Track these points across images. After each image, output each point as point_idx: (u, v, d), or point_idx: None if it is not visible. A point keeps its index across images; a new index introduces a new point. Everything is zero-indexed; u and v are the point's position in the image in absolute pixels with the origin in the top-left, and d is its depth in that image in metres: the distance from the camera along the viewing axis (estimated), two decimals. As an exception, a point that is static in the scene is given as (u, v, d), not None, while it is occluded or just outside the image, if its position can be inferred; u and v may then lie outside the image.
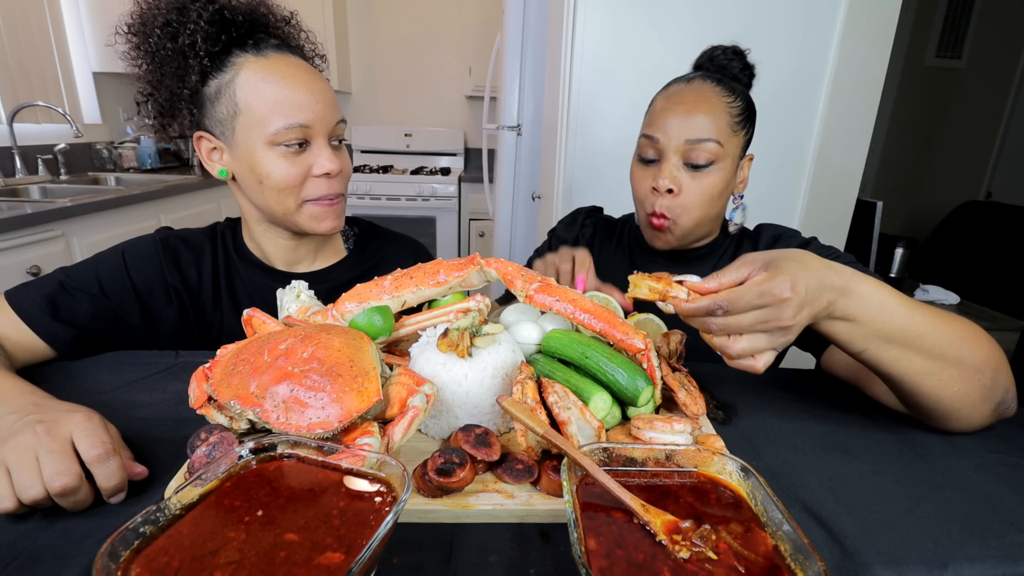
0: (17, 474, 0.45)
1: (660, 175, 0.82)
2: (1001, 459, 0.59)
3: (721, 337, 0.53)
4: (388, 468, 0.42)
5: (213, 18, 0.74)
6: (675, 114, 0.81)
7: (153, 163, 3.00)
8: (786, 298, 0.49)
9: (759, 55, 1.49)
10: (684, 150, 0.81)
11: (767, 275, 0.50)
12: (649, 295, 0.56)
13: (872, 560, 0.44)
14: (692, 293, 0.54)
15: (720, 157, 0.81)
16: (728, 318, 0.51)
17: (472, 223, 3.66)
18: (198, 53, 0.74)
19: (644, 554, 0.38)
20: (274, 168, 0.77)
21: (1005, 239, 2.71)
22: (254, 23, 0.78)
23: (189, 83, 0.76)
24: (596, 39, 1.48)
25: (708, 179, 0.82)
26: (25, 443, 0.47)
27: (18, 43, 2.34)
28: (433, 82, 3.90)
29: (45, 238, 1.76)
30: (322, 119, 0.78)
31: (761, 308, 0.50)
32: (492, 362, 0.58)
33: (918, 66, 3.61)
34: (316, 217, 0.82)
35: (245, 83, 0.75)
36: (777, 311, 0.50)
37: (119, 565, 0.33)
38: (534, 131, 2.14)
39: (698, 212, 0.84)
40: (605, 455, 0.46)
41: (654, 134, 0.82)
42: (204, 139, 0.80)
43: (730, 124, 0.82)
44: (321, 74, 0.83)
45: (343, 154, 0.84)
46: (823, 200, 1.62)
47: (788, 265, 0.50)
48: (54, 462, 0.46)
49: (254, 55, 0.76)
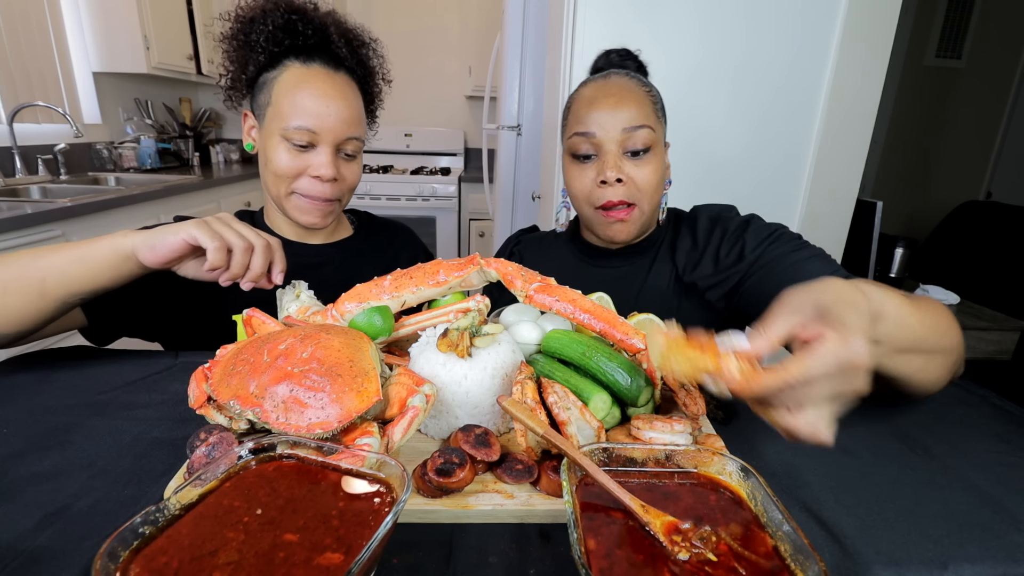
0: (224, 231, 0.66)
1: (605, 167, 0.82)
2: (1001, 459, 0.59)
3: (781, 412, 0.43)
4: (388, 468, 0.42)
5: (283, 24, 0.86)
6: (605, 107, 0.82)
7: (153, 163, 3.00)
8: (863, 364, 0.40)
9: (759, 55, 1.50)
10: (622, 139, 0.82)
11: (838, 339, 0.40)
12: (689, 371, 0.42)
13: (872, 560, 0.44)
14: (742, 362, 0.42)
15: (655, 142, 0.83)
16: (798, 393, 0.41)
17: (472, 223, 3.67)
18: (262, 51, 0.87)
19: (644, 554, 0.38)
20: (276, 156, 0.87)
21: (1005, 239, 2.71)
22: (320, 40, 0.88)
23: (248, 71, 0.89)
24: (596, 39, 1.48)
25: (650, 164, 0.83)
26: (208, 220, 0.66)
27: (18, 43, 2.34)
28: (433, 82, 3.91)
29: (45, 238, 1.76)
30: (331, 130, 0.86)
31: (837, 377, 0.41)
32: (492, 362, 0.58)
33: (918, 66, 3.61)
34: (301, 209, 0.91)
35: (283, 83, 0.86)
36: (852, 379, 0.41)
37: (118, 565, 0.33)
38: (534, 131, 2.14)
39: (654, 194, 0.85)
40: (605, 455, 0.46)
41: (588, 130, 0.83)
42: (248, 117, 0.94)
43: (655, 111, 0.85)
44: (356, 95, 0.91)
45: (350, 167, 0.92)
46: (823, 200, 1.61)
47: (851, 318, 0.42)
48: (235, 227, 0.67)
49: (301, 63, 0.87)
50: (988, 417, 0.69)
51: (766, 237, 0.83)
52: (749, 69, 1.49)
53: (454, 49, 3.82)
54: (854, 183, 1.61)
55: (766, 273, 0.80)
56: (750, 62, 1.49)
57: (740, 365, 0.41)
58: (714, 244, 0.87)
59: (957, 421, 0.68)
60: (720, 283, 0.85)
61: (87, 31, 2.72)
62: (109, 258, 0.68)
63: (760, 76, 1.50)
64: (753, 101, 1.52)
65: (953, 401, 0.72)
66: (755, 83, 1.51)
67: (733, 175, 1.57)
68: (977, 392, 0.75)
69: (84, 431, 0.58)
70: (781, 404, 0.42)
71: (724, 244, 0.86)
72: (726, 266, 0.84)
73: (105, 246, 0.68)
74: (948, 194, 3.62)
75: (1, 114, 2.29)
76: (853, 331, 0.41)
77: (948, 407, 0.71)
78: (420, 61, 3.84)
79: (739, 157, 1.56)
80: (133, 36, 2.72)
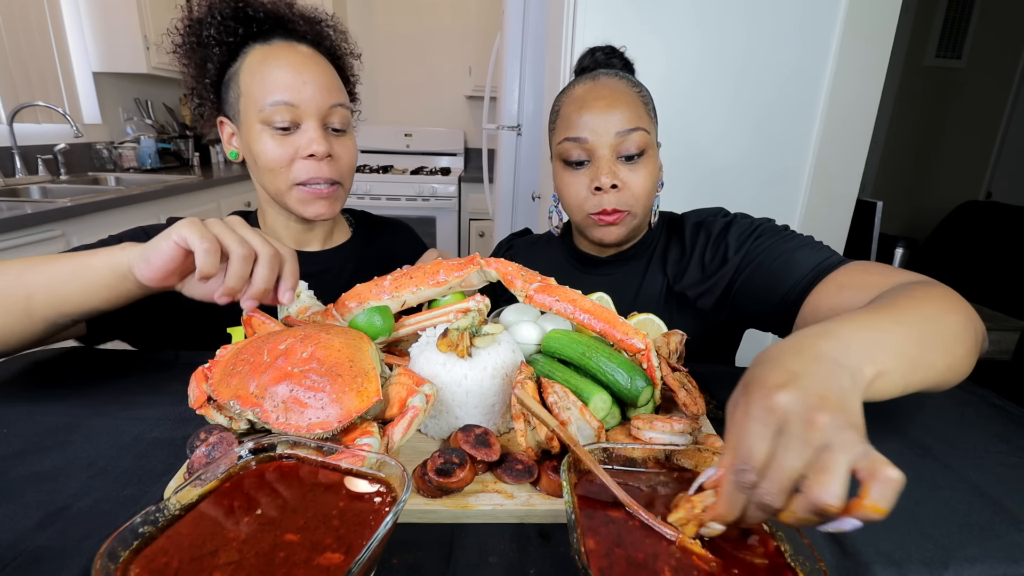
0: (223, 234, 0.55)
1: (600, 173, 0.79)
2: (1001, 459, 0.59)
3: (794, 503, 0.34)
4: (388, 468, 0.42)
5: (233, 13, 0.80)
6: (596, 110, 0.79)
7: (153, 163, 3.00)
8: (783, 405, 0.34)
9: (759, 55, 1.50)
10: (615, 144, 0.79)
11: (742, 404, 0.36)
12: (691, 532, 0.38)
13: (872, 560, 0.44)
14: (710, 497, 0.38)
15: (649, 145, 0.81)
16: (764, 479, 0.34)
17: (472, 223, 3.67)
18: (216, 44, 0.80)
19: (644, 553, 0.38)
20: (262, 148, 0.80)
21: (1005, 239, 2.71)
22: (275, 20, 0.82)
23: (209, 73, 0.82)
24: (596, 39, 1.48)
25: (645, 168, 0.81)
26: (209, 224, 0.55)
27: (18, 43, 2.34)
28: (433, 82, 3.91)
29: (45, 238, 1.76)
30: (311, 99, 0.79)
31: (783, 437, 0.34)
32: (492, 362, 0.58)
33: (918, 66, 3.61)
34: (304, 201, 0.84)
35: (248, 67, 0.80)
36: (808, 428, 0.33)
37: (118, 565, 0.33)
38: (534, 131, 2.14)
39: (648, 199, 0.83)
40: (605, 455, 0.46)
41: (579, 134, 0.80)
42: (224, 124, 0.86)
43: (647, 111, 0.82)
44: (325, 61, 0.84)
45: (342, 141, 0.85)
46: (823, 200, 1.61)
47: (766, 373, 0.36)
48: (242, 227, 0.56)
49: (261, 43, 0.81)
50: (988, 417, 0.69)
51: (749, 234, 0.81)
52: (749, 69, 1.49)
53: (454, 49, 3.82)
54: (854, 183, 1.61)
55: (755, 269, 0.78)
56: (750, 62, 1.49)
57: (707, 502, 0.38)
58: (699, 250, 0.85)
59: (957, 421, 0.68)
60: (709, 290, 0.83)
61: (87, 31, 2.72)
62: (105, 275, 0.58)
63: (760, 77, 1.50)
64: (753, 102, 1.52)
65: (953, 401, 0.72)
66: (755, 83, 1.51)
67: (733, 175, 1.57)
68: (977, 392, 0.75)
69: (84, 431, 0.58)
70: (775, 502, 0.33)
71: (708, 249, 0.84)
72: (711, 272, 0.83)
73: (101, 261, 0.58)
74: (948, 194, 3.62)
75: (1, 114, 2.29)
76: (761, 384, 0.36)
77: (948, 407, 0.71)
78: (420, 61, 3.84)
79: (739, 158, 1.56)
80: (133, 36, 2.72)
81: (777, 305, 0.74)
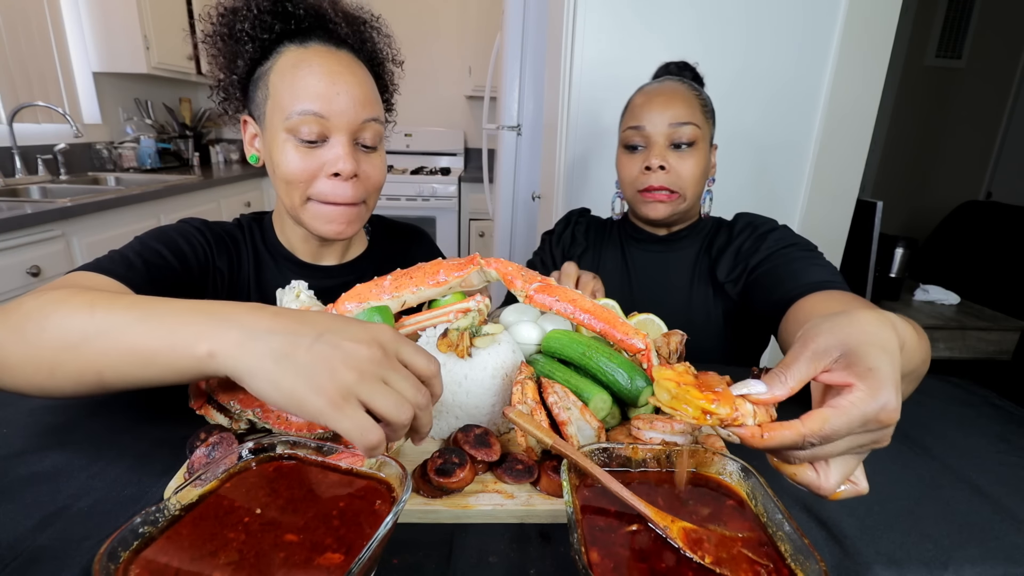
0: (377, 399, 0.39)
1: (651, 156, 0.92)
2: (1001, 459, 0.59)
3: (804, 469, 0.39)
4: (388, 468, 0.42)
5: (271, 7, 0.74)
6: (657, 105, 0.92)
7: (153, 163, 3.00)
8: (892, 420, 0.37)
9: (760, 55, 1.50)
10: (669, 133, 0.91)
11: (867, 394, 0.36)
12: (700, 417, 0.38)
13: (872, 560, 0.44)
14: (758, 409, 0.38)
15: (699, 138, 0.92)
16: (817, 449, 0.37)
17: (472, 223, 3.67)
18: (248, 40, 0.75)
19: (644, 553, 0.38)
20: (284, 158, 0.74)
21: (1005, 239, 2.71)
22: (316, 19, 0.76)
23: (237, 69, 0.77)
24: (596, 39, 1.48)
25: (693, 157, 0.92)
26: (359, 359, 0.40)
27: (18, 43, 2.34)
28: (433, 82, 3.91)
29: (45, 238, 1.76)
30: (342, 113, 0.73)
31: (861, 434, 0.38)
32: (492, 362, 0.58)
33: (918, 66, 3.61)
34: (320, 217, 0.78)
35: (279, 69, 0.74)
36: (881, 435, 0.38)
37: (118, 566, 0.33)
38: (534, 131, 2.14)
39: (696, 186, 0.93)
40: (605, 455, 0.46)
41: (640, 123, 0.93)
42: (248, 124, 0.81)
43: (702, 112, 0.94)
44: (365, 72, 0.78)
45: (371, 159, 0.79)
46: (823, 200, 1.62)
47: (882, 365, 0.37)
48: (403, 380, 0.40)
49: (297, 45, 0.75)
50: (988, 417, 0.69)
51: (787, 244, 0.88)
52: (749, 69, 1.49)
53: (454, 49, 3.81)
54: (854, 183, 1.61)
55: (769, 268, 0.86)
56: (750, 62, 1.49)
57: (755, 413, 0.38)
58: (739, 241, 0.95)
59: (957, 421, 0.68)
60: (737, 278, 0.92)
61: (87, 31, 2.72)
62: (188, 370, 0.46)
63: (760, 76, 1.50)
64: (753, 101, 1.52)
65: (953, 401, 0.72)
66: (755, 83, 1.51)
67: (733, 175, 1.57)
68: (977, 392, 0.75)
69: (84, 431, 0.58)
70: (796, 459, 0.38)
71: (748, 242, 0.94)
72: (742, 259, 0.92)
73: (185, 355, 0.45)
74: (948, 194, 3.62)
75: (1, 114, 2.29)
76: (883, 383, 0.36)
77: (948, 407, 0.71)
78: (420, 61, 3.84)
79: (739, 157, 1.56)
80: (133, 36, 2.72)
81: (774, 303, 0.79)
